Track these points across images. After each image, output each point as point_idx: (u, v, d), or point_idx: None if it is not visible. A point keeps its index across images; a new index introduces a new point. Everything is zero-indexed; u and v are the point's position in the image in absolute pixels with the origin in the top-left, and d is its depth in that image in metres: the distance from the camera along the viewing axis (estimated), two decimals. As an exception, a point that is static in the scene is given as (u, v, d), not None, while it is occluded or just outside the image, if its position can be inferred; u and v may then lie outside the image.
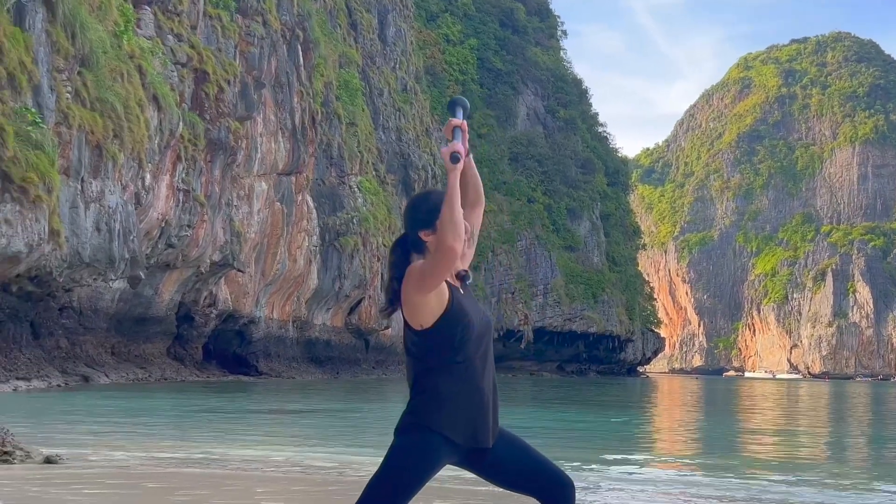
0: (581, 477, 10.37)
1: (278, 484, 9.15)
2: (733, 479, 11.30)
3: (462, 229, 3.51)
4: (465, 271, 3.76)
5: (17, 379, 31.30)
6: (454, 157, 3.55)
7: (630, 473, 11.68)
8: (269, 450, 13.50)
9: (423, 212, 3.69)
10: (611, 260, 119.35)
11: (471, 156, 3.81)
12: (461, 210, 3.51)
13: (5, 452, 10.10)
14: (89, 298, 41.60)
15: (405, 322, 3.66)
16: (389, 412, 26.69)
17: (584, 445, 16.38)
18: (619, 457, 13.95)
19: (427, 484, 3.58)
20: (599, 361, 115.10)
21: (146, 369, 45.26)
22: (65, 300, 39.16)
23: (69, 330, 40.28)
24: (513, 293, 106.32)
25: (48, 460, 10.33)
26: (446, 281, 3.60)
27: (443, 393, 3.56)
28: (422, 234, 3.67)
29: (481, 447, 3.64)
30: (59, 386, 33.11)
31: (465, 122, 3.74)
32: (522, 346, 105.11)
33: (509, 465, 3.71)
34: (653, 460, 14.60)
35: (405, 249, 3.74)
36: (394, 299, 3.70)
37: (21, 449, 10.46)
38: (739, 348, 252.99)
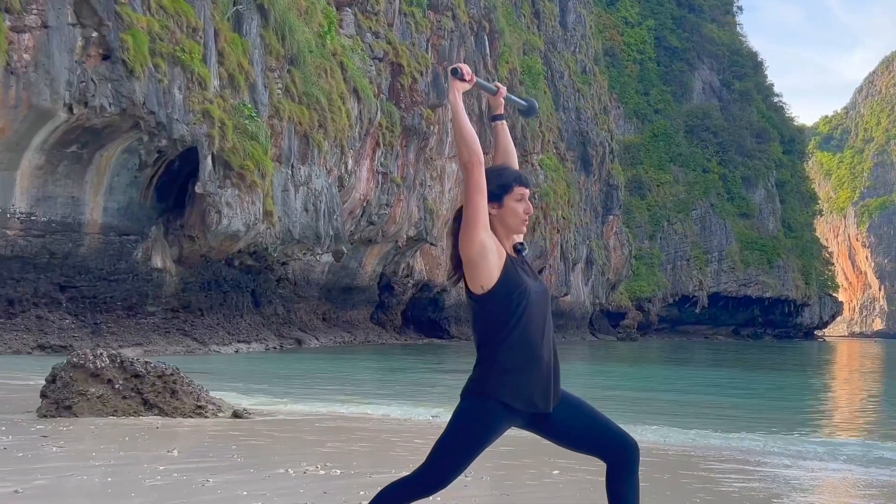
0: (751, 448, 9.52)
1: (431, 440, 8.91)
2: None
3: (474, 143, 3.45)
4: (521, 243, 3.68)
5: (239, 342, 32.88)
6: (453, 70, 3.52)
7: (801, 445, 10.30)
8: (442, 409, 13.33)
9: (496, 186, 3.61)
10: (786, 226, 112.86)
11: (504, 122, 3.86)
12: (468, 125, 3.49)
13: (199, 407, 10.38)
14: (302, 270, 43.20)
15: (467, 290, 3.58)
16: (569, 372, 26.24)
17: (756, 412, 15.20)
18: (792, 426, 12.61)
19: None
20: (775, 325, 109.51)
21: (352, 333, 46.67)
22: (281, 272, 40.79)
23: (285, 298, 41.97)
24: (688, 260, 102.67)
25: (236, 414, 10.54)
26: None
27: (502, 361, 3.47)
28: (489, 206, 3.59)
29: (543, 412, 3.54)
30: (274, 348, 34.55)
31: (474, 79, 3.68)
32: (697, 311, 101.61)
33: (573, 427, 3.61)
34: (829, 430, 13.01)
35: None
36: (457, 265, 3.63)
37: (213, 404, 10.71)
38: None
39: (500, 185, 3.60)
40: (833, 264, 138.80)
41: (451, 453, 3.53)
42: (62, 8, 26.98)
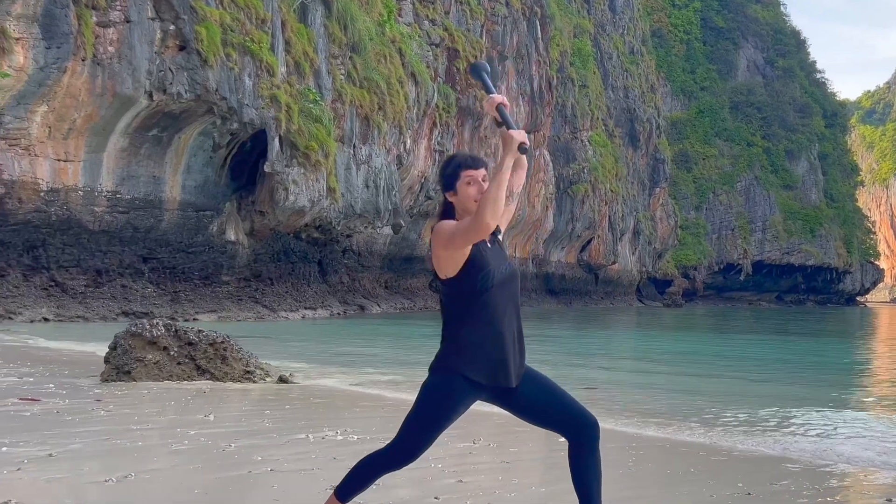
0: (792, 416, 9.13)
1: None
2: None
3: (500, 209, 3.29)
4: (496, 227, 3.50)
5: (305, 308, 33.13)
6: (521, 149, 3.25)
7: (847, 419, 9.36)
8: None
9: (444, 177, 3.53)
10: (828, 197, 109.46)
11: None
12: (505, 193, 3.33)
13: (248, 372, 10.40)
14: (366, 242, 43.36)
15: (434, 274, 3.53)
16: (612, 339, 25.87)
17: (783, 383, 14.63)
18: (816, 398, 11.89)
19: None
20: (817, 292, 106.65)
21: (411, 300, 46.76)
22: (346, 244, 40.97)
23: (350, 268, 42.18)
24: (732, 230, 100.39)
25: (281, 380, 10.54)
26: None
27: (465, 339, 3.40)
28: (447, 195, 3.52)
29: (503, 386, 3.45)
30: (338, 314, 34.73)
31: (503, 96, 3.43)
32: (742, 278, 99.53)
33: (535, 402, 3.51)
34: (854, 403, 11.58)
35: (444, 208, 3.57)
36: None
37: (262, 369, 10.72)
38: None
39: (449, 175, 3.53)
40: (875, 233, 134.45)
41: (420, 427, 3.47)
42: (142, 3, 27.31)
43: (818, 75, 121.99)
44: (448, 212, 3.54)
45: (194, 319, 25.89)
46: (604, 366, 15.94)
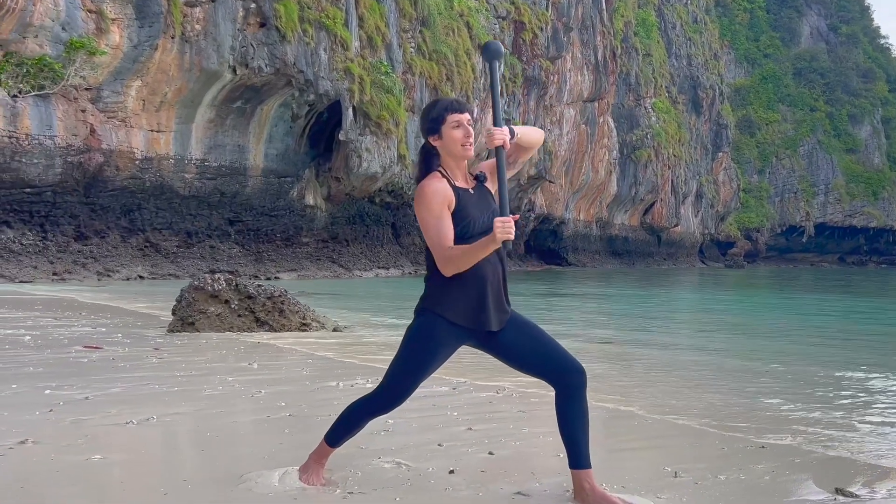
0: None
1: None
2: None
3: (459, 269, 3.08)
4: (482, 172, 3.31)
5: (379, 268, 33.27)
6: (506, 244, 3.03)
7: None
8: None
9: (429, 120, 3.23)
10: (892, 160, 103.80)
11: (516, 136, 3.30)
12: (472, 263, 3.07)
13: (304, 324, 10.34)
14: (437, 206, 43.18)
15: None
16: (674, 298, 25.06)
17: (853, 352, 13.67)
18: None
19: None
20: (880, 254, 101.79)
21: (478, 260, 46.47)
22: (418, 208, 40.86)
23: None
24: (795, 193, 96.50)
25: (335, 330, 10.53)
26: (455, 186, 3.16)
27: (445, 283, 3.16)
28: (431, 139, 3.23)
29: (485, 329, 3.20)
30: (409, 273, 34.71)
31: (506, 135, 3.16)
32: (804, 240, 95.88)
33: (520, 348, 3.26)
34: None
35: (425, 155, 3.27)
36: None
37: (318, 322, 10.65)
38: None
39: (434, 119, 3.22)
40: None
41: (404, 370, 3.26)
42: (225, -16, 27.40)
43: (882, 41, 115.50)
44: (429, 160, 3.24)
45: (276, 277, 26.20)
46: (657, 327, 15.37)
